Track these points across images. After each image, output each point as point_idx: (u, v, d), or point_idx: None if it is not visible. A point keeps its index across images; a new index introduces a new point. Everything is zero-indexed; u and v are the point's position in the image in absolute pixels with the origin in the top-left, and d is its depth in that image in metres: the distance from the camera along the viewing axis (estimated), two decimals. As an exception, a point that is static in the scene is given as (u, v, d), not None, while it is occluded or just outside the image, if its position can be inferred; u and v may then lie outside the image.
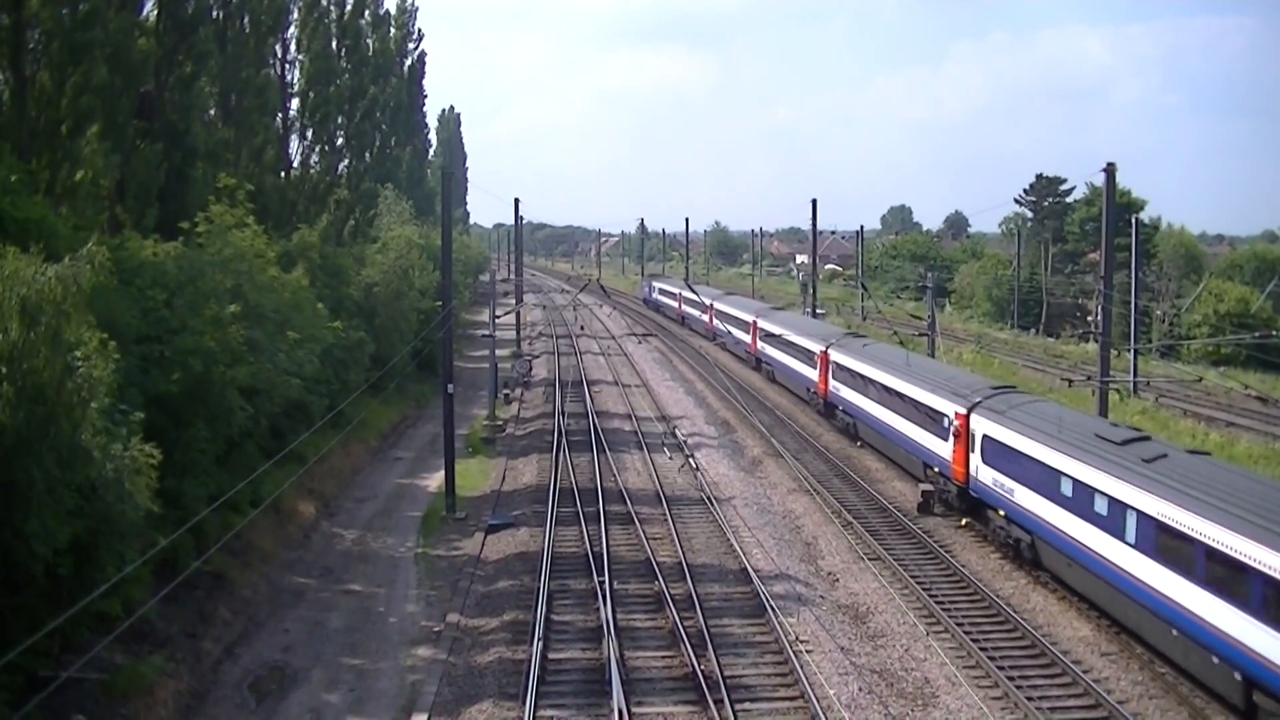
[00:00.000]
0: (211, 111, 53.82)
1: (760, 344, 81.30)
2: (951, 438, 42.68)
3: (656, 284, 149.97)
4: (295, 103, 65.85)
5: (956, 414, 42.32)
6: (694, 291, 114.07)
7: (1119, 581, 30.86)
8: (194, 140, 46.00)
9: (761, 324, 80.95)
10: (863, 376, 55.35)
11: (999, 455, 38.76)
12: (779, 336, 74.00)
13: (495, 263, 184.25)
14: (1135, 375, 65.82)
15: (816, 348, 64.10)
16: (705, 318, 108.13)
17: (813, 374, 65.04)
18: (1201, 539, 26.83)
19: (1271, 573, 24.23)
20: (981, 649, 30.88)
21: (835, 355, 60.74)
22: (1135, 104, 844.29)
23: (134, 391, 29.11)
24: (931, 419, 45.33)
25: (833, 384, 60.96)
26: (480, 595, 36.67)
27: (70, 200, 36.77)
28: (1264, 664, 24.60)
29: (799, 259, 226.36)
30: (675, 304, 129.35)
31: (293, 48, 65.21)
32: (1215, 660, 26.71)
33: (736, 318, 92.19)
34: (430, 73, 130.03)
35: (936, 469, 45.20)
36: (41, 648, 23.21)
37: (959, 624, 32.77)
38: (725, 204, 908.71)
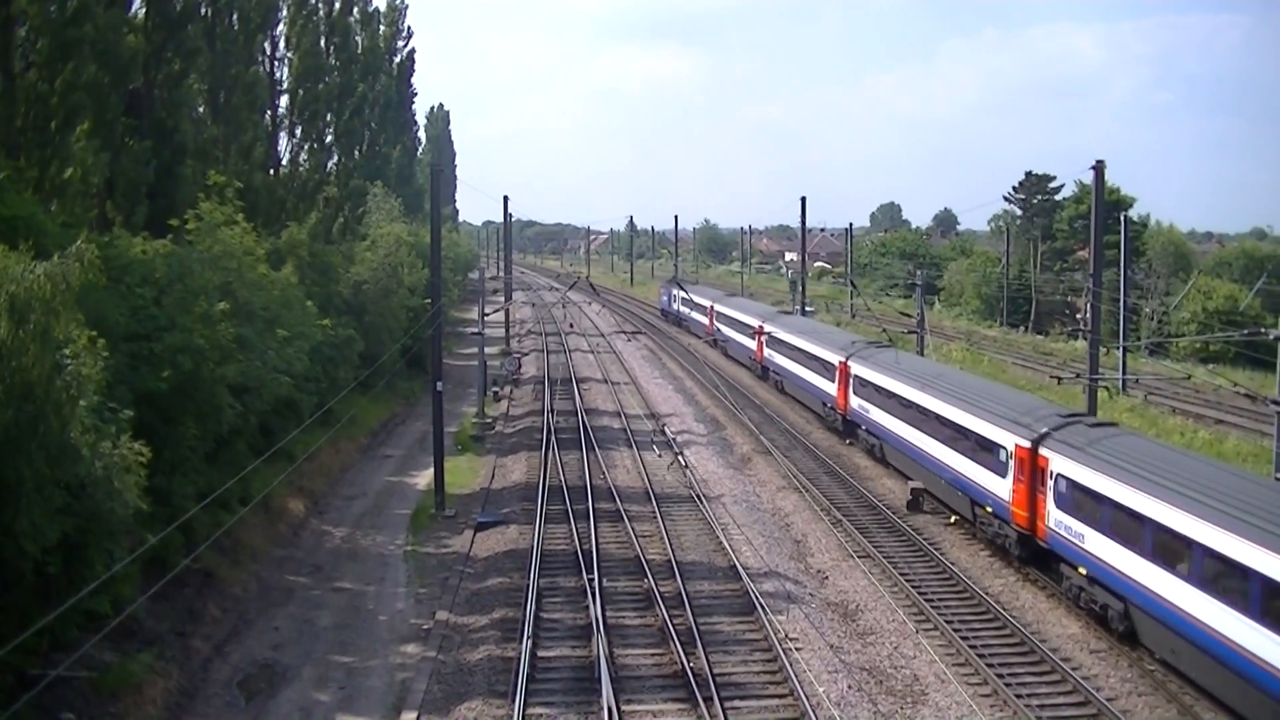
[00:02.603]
0: (200, 109, 53.72)
1: (854, 399, 55.81)
2: None
3: (680, 293, 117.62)
4: (284, 100, 65.81)
5: None
6: (736, 307, 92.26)
7: None
8: (183, 137, 45.98)
9: (859, 370, 55.03)
10: (1170, 532, 28.37)
11: None
12: (899, 398, 48.80)
13: (484, 260, 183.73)
14: (1124, 373, 65.94)
15: (1009, 438, 37.49)
16: (752, 344, 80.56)
17: (1000, 485, 38.11)
18: None
19: None
20: (971, 646, 30.96)
21: (1068, 464, 33.90)
22: (1126, 101, 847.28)
23: (123, 389, 29.06)
24: None
25: (1058, 517, 33.94)
26: (470, 593, 36.66)
27: (59, 197, 36.72)
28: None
29: (788, 256, 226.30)
30: (706, 320, 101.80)
31: (282, 45, 65.11)
32: None
33: (807, 355, 65.27)
34: (419, 70, 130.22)
35: None
36: (30, 646, 23.15)
37: (948, 621, 32.84)
38: (715, 201, 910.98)
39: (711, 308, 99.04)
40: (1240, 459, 50.21)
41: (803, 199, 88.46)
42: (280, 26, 64.52)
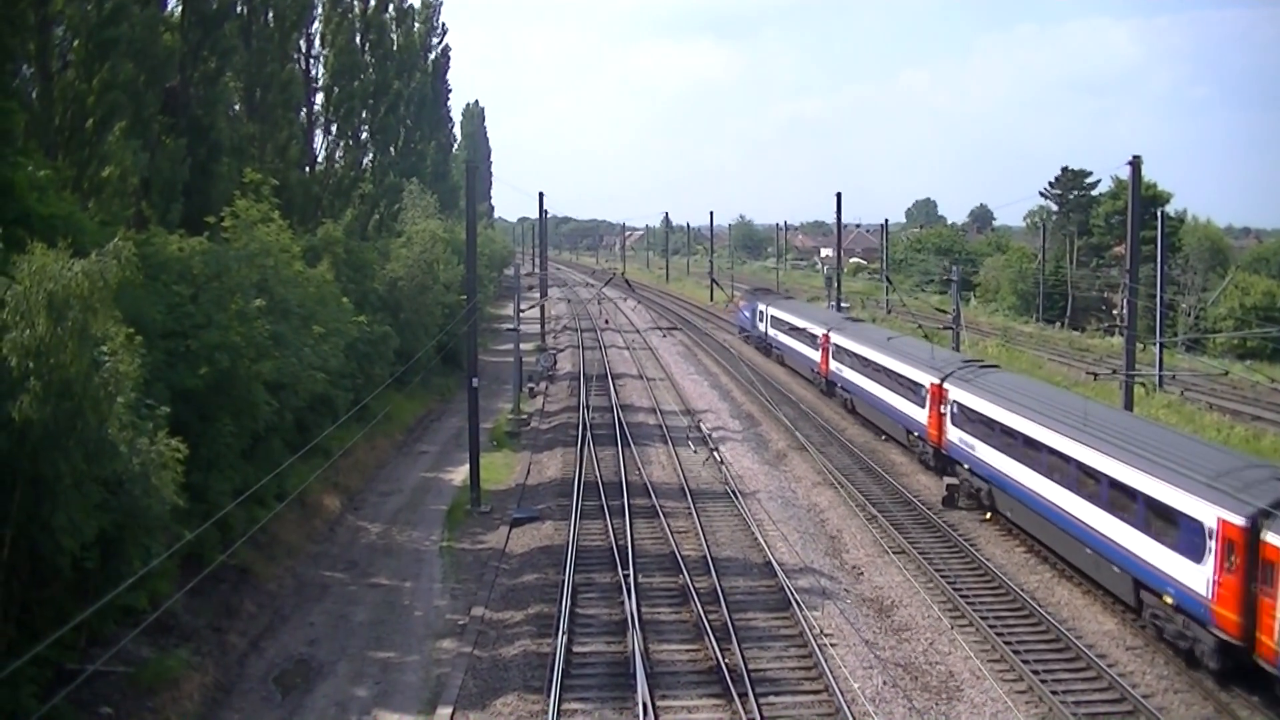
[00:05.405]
0: (236, 107, 54.09)
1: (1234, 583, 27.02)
2: None
3: (772, 310, 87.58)
4: (320, 97, 66.23)
5: None
6: (877, 345, 58.81)
7: None
8: (219, 135, 46.24)
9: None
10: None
11: None
12: None
13: (520, 256, 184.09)
14: (1161, 369, 65.49)
15: None
16: (919, 414, 49.84)
17: None
18: None
19: None
20: (1006, 643, 30.81)
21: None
22: (1163, 96, 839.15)
23: (160, 386, 29.26)
24: None
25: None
26: (505, 588, 36.73)
27: (97, 196, 37.01)
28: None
29: (824, 252, 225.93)
30: (815, 354, 70.94)
31: (317, 42, 65.55)
32: None
33: (1067, 463, 35.32)
34: (454, 66, 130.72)
35: None
36: (68, 641, 23.36)
37: (983, 617, 32.69)
38: (750, 197, 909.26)
39: (825, 339, 68.31)
40: (1277, 455, 49.73)
41: (838, 195, 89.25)
42: (315, 24, 64.98)
